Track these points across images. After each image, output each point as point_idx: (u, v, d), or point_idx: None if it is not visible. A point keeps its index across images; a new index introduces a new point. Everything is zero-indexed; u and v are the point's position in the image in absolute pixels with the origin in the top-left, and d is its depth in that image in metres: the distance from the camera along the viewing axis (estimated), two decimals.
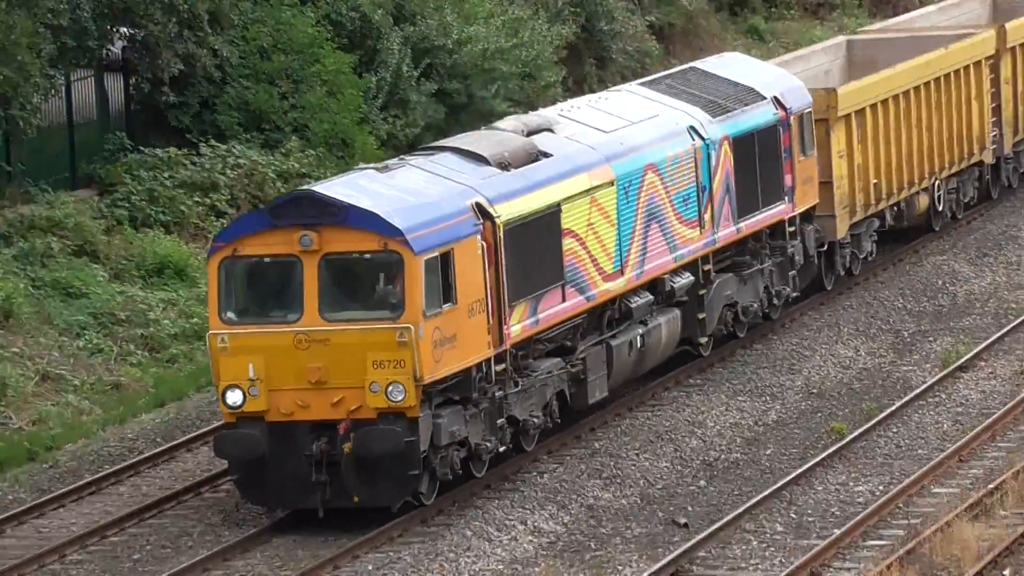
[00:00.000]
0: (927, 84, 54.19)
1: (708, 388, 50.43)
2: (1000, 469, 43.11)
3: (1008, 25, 59.37)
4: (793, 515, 41.60)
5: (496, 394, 36.06)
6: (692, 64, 50.60)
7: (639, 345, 41.65)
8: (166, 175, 57.23)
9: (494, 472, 44.15)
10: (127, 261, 55.42)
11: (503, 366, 36.11)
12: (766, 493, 42.51)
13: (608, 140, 41.31)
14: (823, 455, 44.86)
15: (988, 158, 58.31)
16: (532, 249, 37.43)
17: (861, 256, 52.23)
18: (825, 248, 49.73)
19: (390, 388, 31.92)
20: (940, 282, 59.89)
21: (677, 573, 38.77)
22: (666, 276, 42.50)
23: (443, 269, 33.59)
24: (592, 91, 70.87)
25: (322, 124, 60.95)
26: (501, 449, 36.40)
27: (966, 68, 56.66)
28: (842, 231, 49.74)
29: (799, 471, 44.00)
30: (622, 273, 40.26)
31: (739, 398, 49.94)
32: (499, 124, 41.76)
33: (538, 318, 37.48)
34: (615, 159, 40.58)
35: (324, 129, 61.06)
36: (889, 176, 51.12)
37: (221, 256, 33.29)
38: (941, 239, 65.76)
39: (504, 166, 37.38)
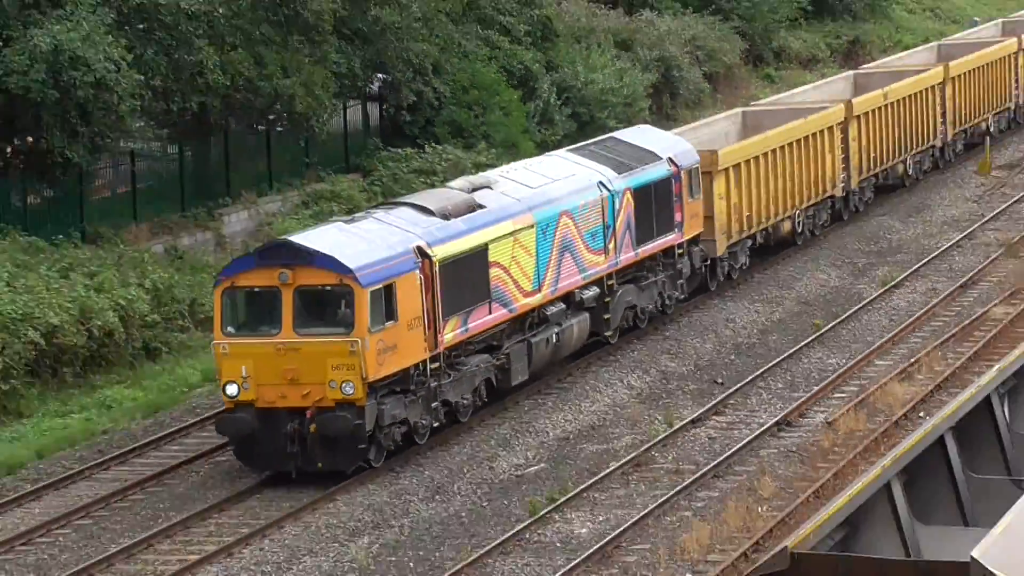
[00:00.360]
0: (791, 143, 60.34)
1: (736, 298, 59.15)
2: (917, 350, 51.61)
3: (854, 100, 66.81)
4: (788, 378, 50.40)
5: (431, 385, 40.41)
6: (612, 134, 55.98)
7: (555, 341, 46.34)
8: (404, 165, 65.50)
9: (603, 349, 52.43)
10: None
11: (437, 364, 40.60)
12: (771, 364, 51.43)
13: (532, 194, 46.11)
14: (807, 340, 53.80)
15: (838, 192, 65.24)
16: (463, 278, 41.61)
17: (737, 266, 58.20)
18: (709, 262, 55.64)
19: (344, 385, 37.06)
20: (881, 233, 68.57)
21: (717, 411, 47.26)
22: (576, 290, 47.37)
23: (386, 297, 38.02)
24: (668, 115, 78.48)
25: (499, 134, 68.57)
26: (435, 424, 41.13)
27: (823, 130, 63.14)
28: (721, 250, 55.88)
29: (792, 350, 52.71)
30: (540, 290, 45.11)
31: (756, 304, 58.63)
32: (451, 183, 47.28)
33: (468, 327, 42.16)
34: (536, 208, 45.49)
35: (501, 137, 68.56)
36: (758, 210, 57.48)
37: (223, 287, 38.47)
38: (873, 215, 71.72)
39: (446, 216, 42.05)
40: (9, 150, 53.21)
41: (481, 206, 43.56)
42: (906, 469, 26.96)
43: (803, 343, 53.39)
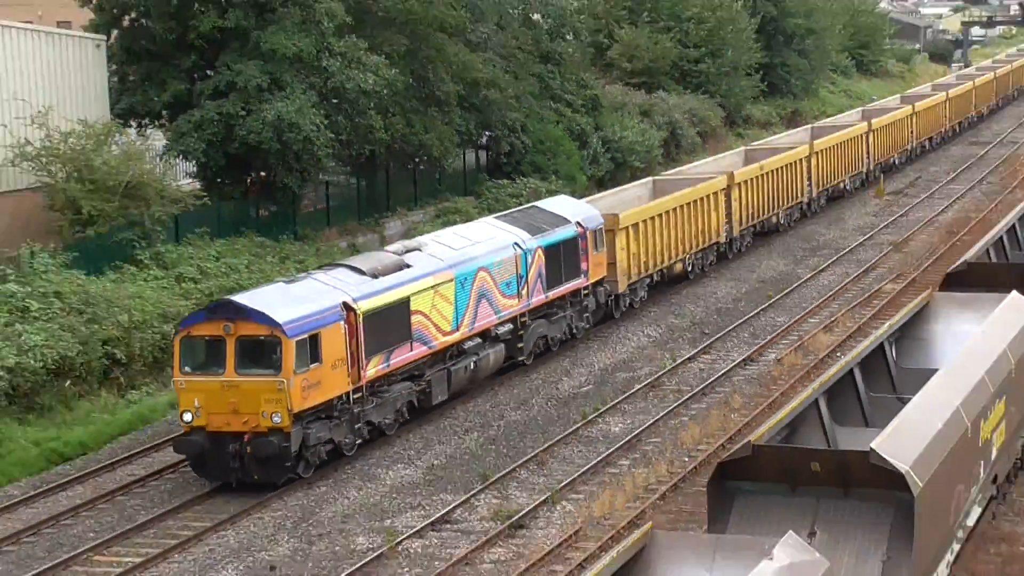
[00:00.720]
0: (683, 205, 54.09)
1: (717, 277, 57.25)
2: (836, 312, 50.55)
3: (736, 172, 60.02)
4: (751, 330, 49.05)
5: (355, 410, 35.20)
6: (535, 203, 49.20)
7: (472, 368, 40.48)
8: (502, 191, 63.26)
9: (628, 313, 50.71)
10: None
11: (360, 394, 35.33)
12: (740, 321, 49.99)
13: (455, 255, 40.19)
14: (763, 306, 52.17)
15: (723, 239, 58.28)
16: (386, 324, 36.30)
17: (637, 299, 50.97)
18: (613, 297, 49.08)
19: (273, 415, 32.53)
20: (812, 237, 65.78)
21: (706, 349, 46.20)
22: (492, 327, 41.47)
23: (311, 344, 33.26)
24: (673, 159, 76.17)
25: (563, 170, 66.25)
26: (358, 442, 35.69)
27: (710, 195, 56.75)
28: (623, 288, 49.37)
29: (754, 311, 51.32)
30: (458, 330, 39.41)
31: (730, 282, 56.89)
32: (388, 247, 41.24)
33: (390, 363, 36.46)
34: (456, 266, 39.62)
35: (564, 173, 66.15)
36: (654, 256, 51.30)
37: (181, 335, 33.71)
38: (807, 224, 68.94)
39: (375, 275, 36.79)
40: (248, 180, 52.69)
41: (408, 266, 38.33)
42: (828, 390, 27.18)
43: (761, 307, 52.09)
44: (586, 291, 46.91)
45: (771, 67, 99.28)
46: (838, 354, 42.31)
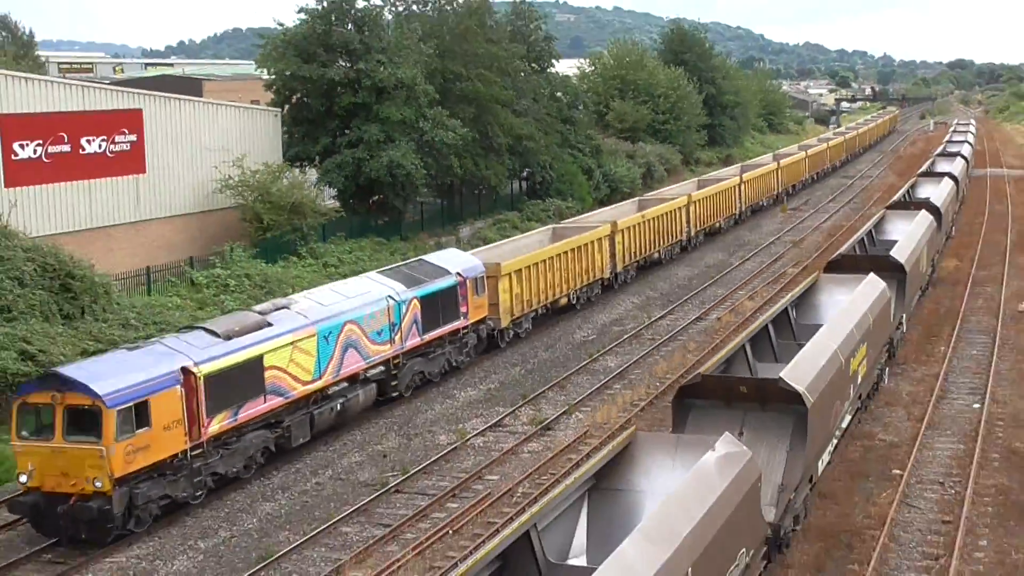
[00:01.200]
0: (567, 252, 44.23)
1: (683, 265, 55.41)
2: (756, 287, 49.39)
3: (618, 221, 49.25)
4: (701, 298, 47.81)
5: (196, 465, 25.78)
6: (421, 257, 38.18)
7: (338, 409, 30.36)
8: (536, 208, 61.74)
9: (621, 286, 48.79)
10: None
11: (201, 450, 25.81)
12: (693, 293, 48.93)
13: (322, 311, 29.96)
14: (709, 282, 50.96)
15: (606, 275, 48.12)
16: (234, 382, 26.54)
17: (521, 330, 41.04)
18: (497, 331, 39.32)
19: (95, 480, 23.74)
20: (739, 240, 64.12)
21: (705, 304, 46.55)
22: (361, 371, 31.34)
23: (138, 411, 24.17)
24: (648, 186, 73.48)
25: (577, 194, 65.27)
26: (198, 494, 26.01)
27: (596, 240, 46.75)
28: (505, 324, 39.63)
29: (703, 286, 50.14)
30: (321, 378, 29.36)
31: (687, 268, 54.98)
32: (256, 306, 29.74)
33: (238, 417, 26.75)
34: (320, 322, 29.52)
35: (577, 196, 65.16)
36: (537, 295, 41.65)
37: (17, 403, 24.58)
38: (733, 231, 67.25)
39: (228, 337, 26.98)
40: (370, 201, 52.14)
41: (269, 324, 28.30)
42: (752, 339, 26.91)
43: (707, 283, 51.12)
44: (465, 330, 36.85)
45: (712, 126, 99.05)
46: (757, 315, 41.80)
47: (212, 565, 23.08)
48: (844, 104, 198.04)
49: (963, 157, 75.58)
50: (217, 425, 26.32)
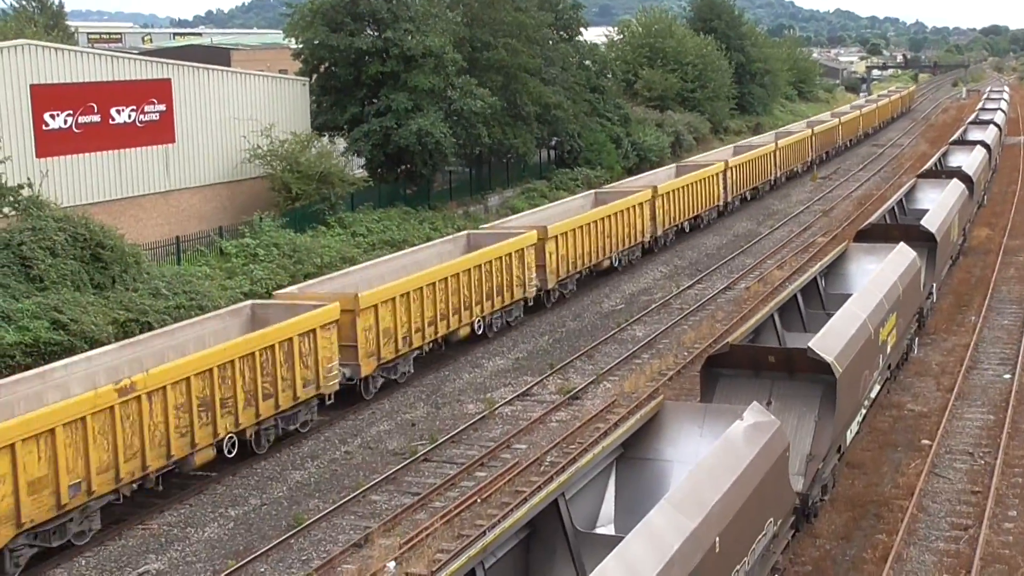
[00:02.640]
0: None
1: (709, 236, 54.72)
2: (785, 256, 49.02)
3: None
4: (728, 268, 47.50)
5: None
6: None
7: None
8: (564, 176, 61.23)
9: (648, 256, 48.89)
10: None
11: None
12: (721, 263, 48.43)
13: None
14: (737, 252, 50.67)
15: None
16: None
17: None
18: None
19: None
20: (768, 209, 63.52)
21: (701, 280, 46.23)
22: None
23: None
24: (678, 155, 72.34)
25: (606, 163, 64.56)
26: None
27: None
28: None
29: (731, 256, 49.87)
30: None
31: (715, 237, 54.84)
32: None
33: None
34: None
35: (606, 164, 64.47)
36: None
37: None
38: (765, 198, 67.11)
39: None
40: (399, 170, 51.81)
41: None
42: (780, 309, 26.84)
43: (735, 253, 50.97)
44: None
45: (741, 94, 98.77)
46: (787, 284, 41.64)
47: (243, 532, 23.29)
48: (875, 72, 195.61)
49: (996, 125, 75.15)
50: None
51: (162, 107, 42.29)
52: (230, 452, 25.62)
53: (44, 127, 37.45)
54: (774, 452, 17.68)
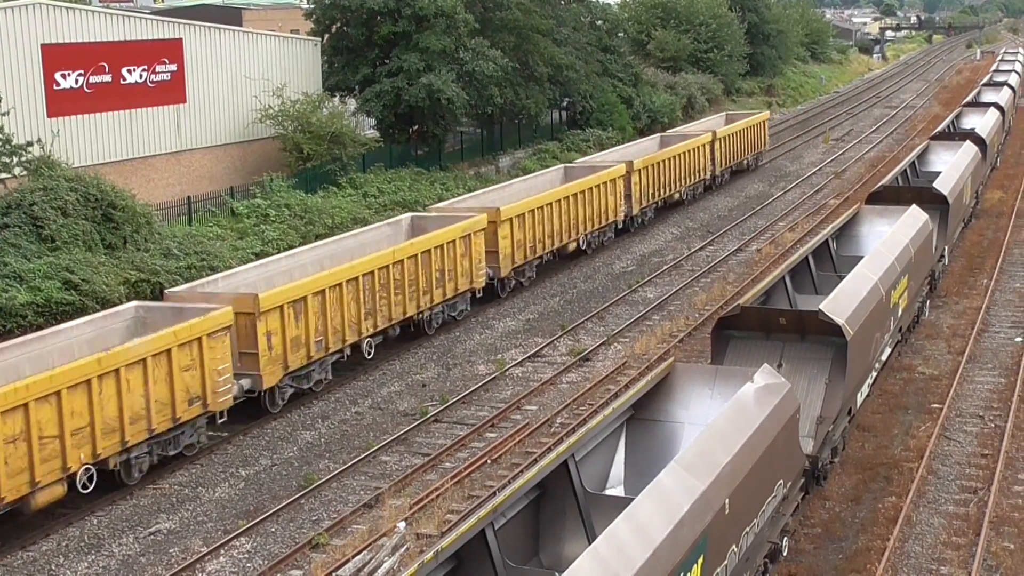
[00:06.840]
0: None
1: (712, 201, 53.99)
2: (796, 218, 48.68)
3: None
4: (740, 230, 47.24)
5: None
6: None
7: None
8: (576, 138, 60.39)
9: (659, 216, 48.83)
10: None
11: None
12: (733, 224, 48.33)
13: None
14: (749, 213, 50.34)
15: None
16: None
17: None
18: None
19: None
20: (780, 170, 63.11)
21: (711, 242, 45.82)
22: None
23: None
24: (690, 117, 72.07)
25: (617, 124, 63.60)
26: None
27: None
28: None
29: (743, 217, 49.62)
30: None
31: (726, 199, 54.47)
32: None
33: None
34: None
35: (618, 126, 63.47)
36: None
37: None
38: (771, 159, 65.92)
39: None
40: (410, 131, 51.72)
41: None
42: (792, 271, 26.85)
43: (748, 214, 50.71)
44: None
45: (754, 55, 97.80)
46: (798, 247, 41.42)
47: (253, 492, 23.37)
48: (888, 33, 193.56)
49: (1010, 87, 74.25)
50: None
51: (173, 67, 42.27)
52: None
53: (55, 87, 37.37)
54: (784, 414, 17.63)
